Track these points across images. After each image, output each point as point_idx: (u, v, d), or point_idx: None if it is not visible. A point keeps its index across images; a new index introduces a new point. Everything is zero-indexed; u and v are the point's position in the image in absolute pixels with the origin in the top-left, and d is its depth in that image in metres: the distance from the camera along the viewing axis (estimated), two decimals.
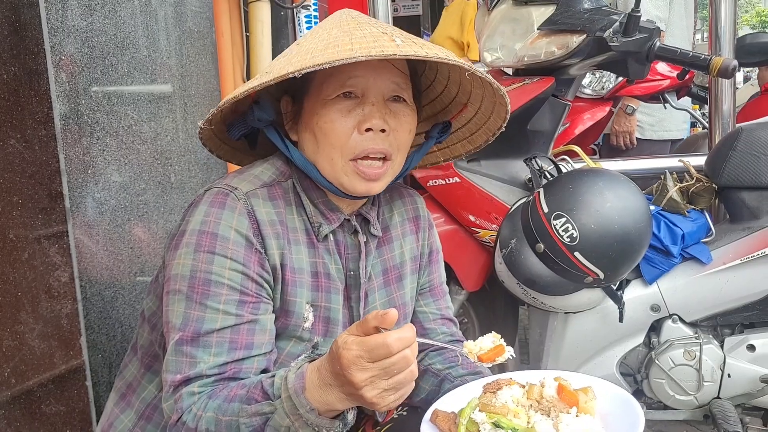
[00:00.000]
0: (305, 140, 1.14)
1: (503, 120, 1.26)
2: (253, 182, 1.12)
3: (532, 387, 1.06)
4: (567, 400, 1.04)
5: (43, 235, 1.56)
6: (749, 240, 1.88)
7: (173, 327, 1.05)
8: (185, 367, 1.03)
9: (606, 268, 1.66)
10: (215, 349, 1.03)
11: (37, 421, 1.55)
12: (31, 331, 1.53)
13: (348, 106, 1.09)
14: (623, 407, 1.04)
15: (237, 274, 1.05)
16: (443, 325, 1.36)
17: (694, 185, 1.97)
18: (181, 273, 1.06)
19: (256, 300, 1.07)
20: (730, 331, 1.94)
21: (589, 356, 1.95)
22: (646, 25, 1.73)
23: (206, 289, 1.04)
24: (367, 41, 1.00)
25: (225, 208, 1.07)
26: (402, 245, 1.30)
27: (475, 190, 1.91)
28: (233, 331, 1.05)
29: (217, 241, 1.05)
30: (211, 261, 1.05)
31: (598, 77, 2.94)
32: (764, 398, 1.89)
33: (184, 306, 1.05)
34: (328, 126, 1.09)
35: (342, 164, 1.11)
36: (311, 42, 1.05)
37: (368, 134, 1.09)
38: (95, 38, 1.74)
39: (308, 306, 1.14)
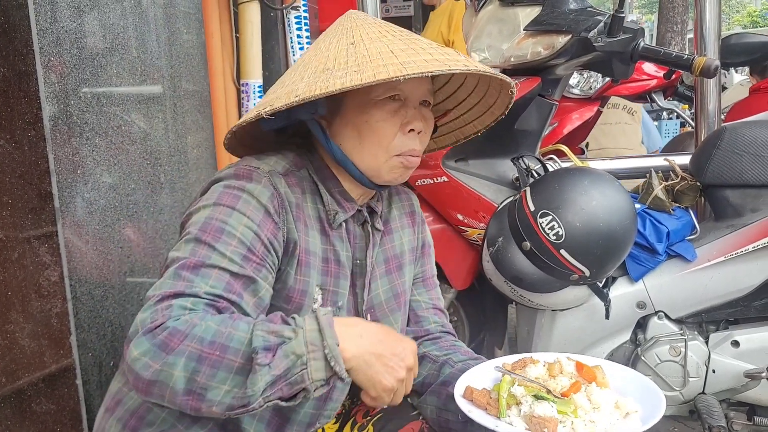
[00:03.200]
0: (344, 135, 1.20)
1: (484, 127, 1.41)
2: (271, 167, 1.18)
3: (551, 365, 1.14)
4: (586, 376, 1.13)
5: (33, 235, 1.57)
6: (733, 237, 1.90)
7: (176, 258, 1.04)
8: (180, 286, 1.00)
9: (592, 266, 1.68)
10: (213, 281, 1.02)
11: (27, 420, 1.56)
12: (21, 330, 1.54)
13: (394, 108, 1.18)
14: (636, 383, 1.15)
15: (249, 232, 1.08)
16: (435, 315, 1.43)
17: (679, 183, 2.00)
18: (196, 220, 1.09)
19: (260, 262, 1.09)
20: (714, 328, 1.97)
21: (577, 353, 1.95)
22: (630, 26, 1.75)
23: (218, 236, 1.06)
24: (440, 53, 1.11)
25: (251, 179, 1.13)
26: (401, 237, 1.38)
27: (463, 189, 1.93)
28: (232, 276, 1.04)
29: (240, 200, 1.10)
30: (229, 214, 1.08)
31: (585, 77, 2.97)
32: (748, 393, 1.91)
33: (193, 244, 1.06)
34: (379, 125, 1.18)
35: (385, 159, 1.19)
36: (378, 45, 1.12)
37: (410, 135, 1.20)
38: (84, 39, 1.74)
39: (318, 288, 1.19)
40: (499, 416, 1.07)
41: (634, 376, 1.17)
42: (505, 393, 1.09)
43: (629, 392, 1.12)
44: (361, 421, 1.33)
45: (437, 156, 1.90)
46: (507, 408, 1.07)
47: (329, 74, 1.08)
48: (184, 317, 0.95)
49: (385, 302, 1.31)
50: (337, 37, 1.18)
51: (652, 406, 1.07)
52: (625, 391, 1.13)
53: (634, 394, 1.12)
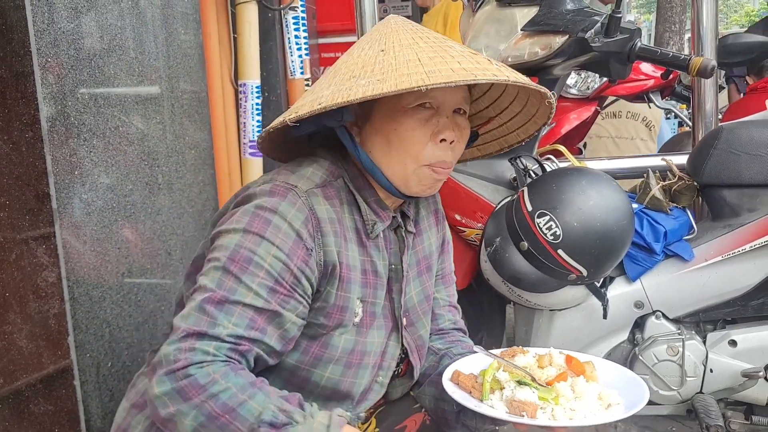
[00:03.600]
0: (374, 143, 1.18)
1: (528, 136, 1.37)
2: (308, 182, 1.15)
3: (542, 356, 1.17)
4: (575, 369, 1.15)
5: (31, 236, 1.57)
6: (730, 237, 1.90)
7: (204, 287, 1.06)
8: (204, 324, 1.03)
9: (589, 266, 1.69)
10: (235, 319, 1.04)
11: (25, 420, 1.56)
12: (19, 331, 1.54)
13: (425, 116, 1.15)
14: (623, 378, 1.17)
15: (278, 263, 1.07)
16: (449, 312, 1.45)
17: (676, 183, 2.00)
18: (226, 245, 1.08)
19: (288, 293, 1.09)
20: (712, 327, 1.97)
21: (575, 352, 1.97)
22: (627, 26, 1.75)
23: (245, 266, 1.06)
24: (470, 62, 1.08)
25: (285, 199, 1.10)
26: (429, 237, 1.38)
27: (461, 190, 1.93)
28: (256, 312, 1.06)
29: (270, 226, 1.08)
30: (258, 243, 1.07)
31: (583, 77, 2.97)
32: (746, 393, 1.91)
33: (221, 274, 1.06)
34: (408, 134, 1.15)
35: (414, 168, 1.17)
36: (406, 52, 1.09)
37: (442, 145, 1.16)
38: (82, 40, 1.74)
39: (359, 301, 1.18)
40: (482, 399, 1.10)
41: (624, 372, 1.19)
42: (489, 377, 1.12)
43: (615, 386, 1.14)
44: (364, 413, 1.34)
45: None
46: (490, 392, 1.11)
47: (354, 82, 1.07)
48: (206, 368, 0.99)
49: (418, 304, 1.32)
50: (370, 44, 1.16)
51: (634, 398, 1.09)
52: (612, 386, 1.15)
53: (619, 387, 1.14)
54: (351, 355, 1.18)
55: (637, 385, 1.14)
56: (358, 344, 1.19)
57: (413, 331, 1.31)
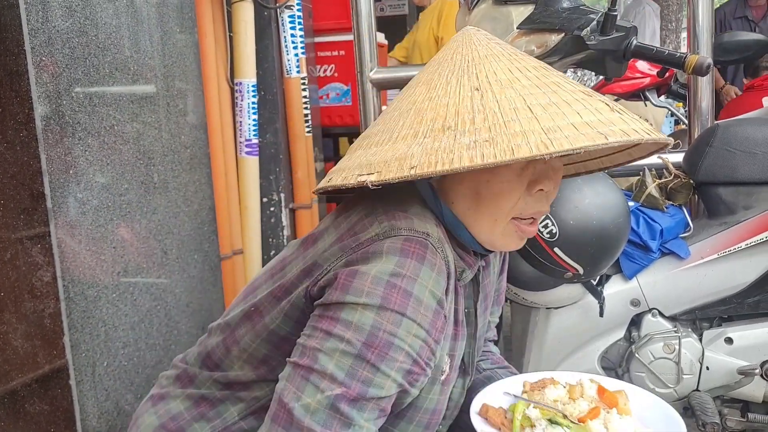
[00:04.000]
0: (459, 195, 1.02)
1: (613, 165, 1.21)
2: (431, 225, 0.98)
3: (572, 387, 1.10)
4: (607, 401, 1.07)
5: (26, 235, 1.56)
6: (726, 235, 1.91)
7: (332, 376, 0.91)
8: (337, 425, 0.91)
9: (585, 264, 1.69)
10: (368, 414, 0.93)
11: (21, 420, 1.56)
12: (14, 331, 1.54)
13: (522, 164, 0.98)
14: (658, 410, 1.09)
15: (418, 341, 0.93)
16: (491, 330, 1.36)
17: (672, 181, 2.00)
18: (359, 324, 0.91)
19: (423, 371, 0.96)
20: (708, 325, 1.97)
21: (571, 351, 1.98)
22: (623, 24, 1.75)
23: (385, 353, 0.91)
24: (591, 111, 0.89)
25: (424, 263, 0.93)
26: (493, 267, 1.24)
27: None
28: (387, 401, 0.95)
29: (410, 301, 0.92)
30: (399, 323, 0.91)
31: (579, 76, 2.98)
32: (742, 390, 1.92)
33: (352, 361, 0.91)
34: (501, 186, 0.98)
35: (503, 225, 1.01)
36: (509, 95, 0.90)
37: (538, 195, 1.00)
38: (76, 39, 1.74)
39: (447, 357, 1.07)
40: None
41: (658, 403, 1.12)
42: (519, 415, 1.05)
43: (650, 420, 1.07)
44: None
45: None
46: (521, 430, 1.03)
47: (452, 138, 0.88)
48: None
49: (478, 344, 1.21)
50: (456, 74, 0.96)
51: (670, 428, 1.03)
52: (646, 419, 1.08)
53: (655, 423, 1.07)
54: (432, 415, 1.07)
55: (674, 421, 1.06)
56: (440, 402, 1.08)
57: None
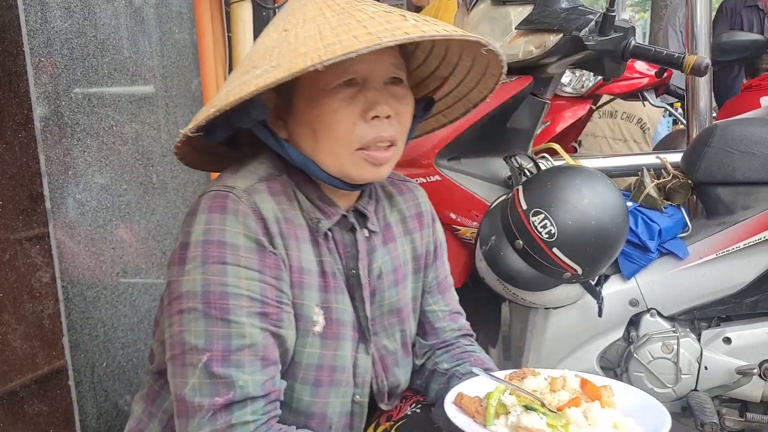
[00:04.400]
0: (300, 136, 1.06)
1: (489, 91, 1.20)
2: (250, 177, 1.04)
3: (554, 379, 1.07)
4: (590, 393, 1.05)
5: (25, 236, 1.56)
6: (724, 235, 1.91)
7: (195, 348, 0.96)
8: (223, 389, 0.95)
9: (584, 264, 1.69)
10: (249, 368, 0.96)
11: (20, 421, 1.56)
12: (13, 332, 1.54)
13: (350, 94, 1.02)
14: (644, 405, 1.07)
15: (255, 283, 0.98)
16: (452, 321, 1.33)
17: (670, 181, 2.00)
18: (192, 289, 0.97)
19: (278, 309, 1.00)
20: (706, 325, 1.97)
21: (570, 351, 1.98)
22: (622, 24, 1.75)
23: (225, 303, 0.96)
24: (379, 23, 0.92)
25: (227, 212, 0.98)
26: (404, 243, 1.24)
27: (456, 188, 1.93)
28: (264, 348, 0.98)
29: (227, 249, 0.97)
30: (224, 272, 0.96)
31: (578, 76, 2.98)
32: (740, 390, 1.92)
33: (204, 324, 0.96)
34: (332, 117, 1.01)
35: (348, 156, 1.04)
36: (307, 27, 0.95)
37: (374, 122, 1.02)
38: (75, 40, 1.74)
39: (317, 308, 1.07)
40: (486, 425, 1.02)
41: (645, 398, 1.10)
42: (494, 401, 1.03)
43: (635, 414, 1.04)
44: (385, 424, 1.27)
45: (430, 155, 1.91)
46: (495, 417, 1.02)
47: (251, 75, 0.93)
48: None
49: (385, 315, 1.20)
50: (275, 24, 1.02)
51: (654, 427, 1.00)
52: (631, 413, 1.05)
53: (638, 415, 1.04)
54: (320, 372, 1.07)
55: (659, 413, 1.04)
56: (326, 358, 1.08)
57: (376, 341, 1.19)
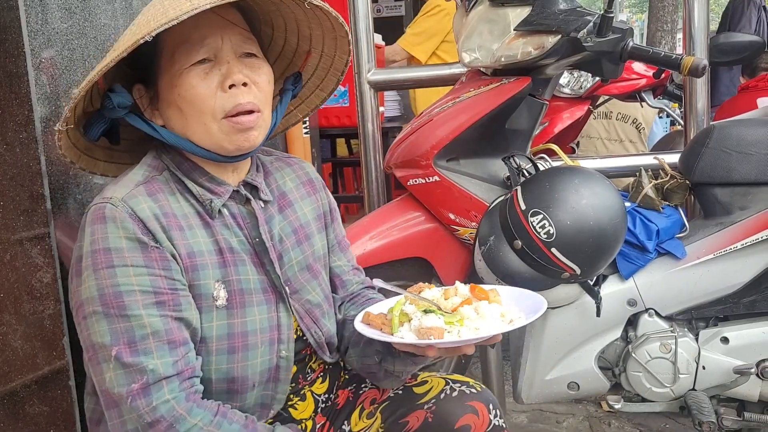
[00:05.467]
0: (171, 117, 1.16)
1: (348, 54, 1.31)
2: (127, 185, 1.13)
3: (447, 289, 1.23)
4: (478, 295, 1.21)
5: (25, 236, 1.56)
6: (722, 235, 1.92)
7: (104, 345, 1.06)
8: (137, 375, 1.04)
9: (582, 264, 1.70)
10: (157, 353, 1.06)
11: (20, 422, 1.56)
12: (14, 332, 1.54)
13: (205, 69, 1.12)
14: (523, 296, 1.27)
15: (144, 278, 1.07)
16: (355, 275, 1.46)
17: (668, 182, 2.01)
18: (90, 295, 1.06)
19: (173, 295, 1.09)
20: (704, 324, 1.98)
21: (568, 351, 1.99)
22: (620, 26, 1.76)
23: (120, 301, 1.05)
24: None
25: (107, 220, 1.07)
26: (302, 207, 1.35)
27: (455, 189, 1.94)
28: (167, 332, 1.07)
29: (112, 253, 1.06)
30: (114, 274, 1.06)
31: (576, 77, 2.99)
32: (738, 389, 1.93)
33: (107, 323, 1.05)
34: (191, 93, 1.11)
35: (217, 126, 1.13)
36: (148, 13, 1.07)
37: (232, 90, 1.12)
38: (76, 41, 1.74)
39: (217, 284, 1.15)
40: (392, 333, 1.15)
41: (525, 292, 1.28)
42: (397, 311, 1.16)
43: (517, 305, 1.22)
44: (369, 408, 1.36)
45: (428, 156, 1.91)
46: (399, 325, 1.15)
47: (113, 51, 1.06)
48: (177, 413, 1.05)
49: (299, 273, 1.30)
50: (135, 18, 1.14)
51: (534, 309, 1.17)
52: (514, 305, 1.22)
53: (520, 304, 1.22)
54: (231, 340, 1.16)
55: (535, 298, 1.23)
56: (235, 326, 1.17)
57: (298, 297, 1.29)
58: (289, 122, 1.50)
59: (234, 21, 1.16)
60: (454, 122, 1.88)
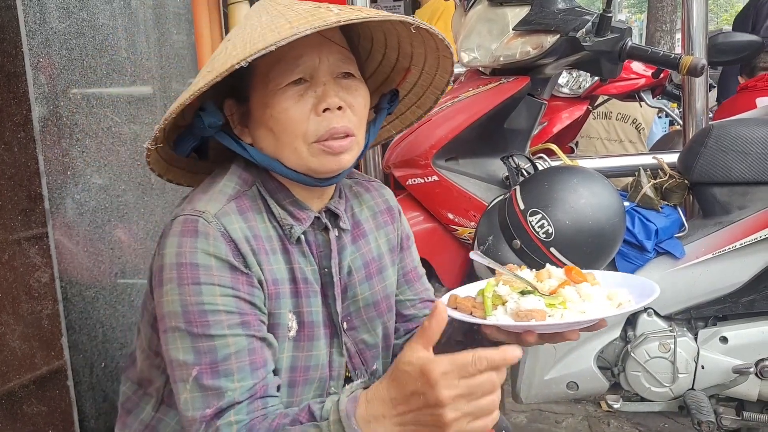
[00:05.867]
0: (262, 137, 1.11)
1: (450, 74, 1.23)
2: (218, 199, 1.07)
3: (540, 272, 1.09)
4: (576, 278, 1.07)
5: (23, 236, 1.56)
6: (721, 234, 1.92)
7: (185, 363, 1.01)
8: (213, 400, 1.00)
9: (581, 263, 1.67)
10: (238, 375, 1.01)
11: (19, 421, 1.56)
12: (12, 332, 1.54)
13: (299, 91, 1.06)
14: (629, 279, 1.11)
15: (230, 299, 1.02)
16: (424, 308, 1.34)
17: (667, 181, 2.01)
18: (173, 310, 1.02)
19: (256, 318, 1.05)
20: (703, 324, 1.98)
21: (567, 350, 1.98)
22: (618, 25, 1.76)
23: (204, 320, 1.01)
24: (305, 17, 0.97)
25: (198, 235, 1.02)
26: (377, 238, 1.27)
27: (454, 189, 1.94)
28: (250, 352, 1.02)
29: (199, 270, 1.01)
30: (199, 292, 1.01)
31: (575, 76, 2.98)
32: (737, 389, 1.93)
33: (190, 341, 1.01)
34: (284, 115, 1.06)
35: (307, 149, 1.07)
36: (244, 33, 1.02)
37: (326, 114, 1.06)
38: (73, 40, 1.74)
39: (291, 315, 1.11)
40: (485, 317, 1.02)
41: (629, 276, 1.14)
42: (489, 293, 1.04)
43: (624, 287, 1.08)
44: None
45: (427, 155, 1.91)
46: (493, 308, 1.03)
47: (190, 86, 1.02)
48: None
49: (363, 310, 1.22)
50: (225, 37, 1.10)
51: (644, 292, 1.03)
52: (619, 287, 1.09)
53: (627, 286, 1.08)
54: (293, 373, 1.11)
55: (645, 282, 1.07)
56: (299, 360, 1.12)
57: (354, 335, 1.22)
58: (381, 137, 1.41)
59: (333, 38, 1.10)
60: (452, 122, 1.88)
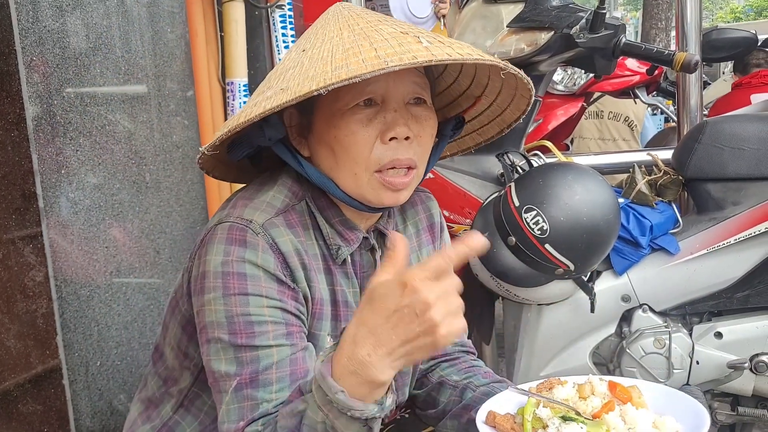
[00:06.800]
0: (321, 155, 1.05)
1: (522, 112, 1.18)
2: (267, 210, 1.03)
3: (582, 386, 1.05)
4: (620, 396, 1.03)
5: (18, 235, 1.56)
6: (715, 230, 1.92)
7: (227, 375, 0.98)
8: (247, 412, 0.96)
9: (576, 260, 1.70)
10: (277, 386, 0.97)
11: (14, 420, 1.56)
12: (6, 331, 1.54)
13: (368, 114, 1.00)
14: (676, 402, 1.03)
15: (276, 311, 0.98)
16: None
17: (661, 178, 2.01)
18: (216, 320, 0.98)
19: (299, 330, 1.01)
20: (698, 320, 1.99)
21: (563, 347, 1.99)
22: (612, 22, 1.76)
23: (250, 332, 0.97)
24: (391, 45, 0.91)
25: (246, 245, 0.98)
26: (420, 257, 1.24)
27: (449, 186, 1.94)
28: (292, 362, 0.98)
29: (247, 281, 0.98)
30: (246, 303, 0.97)
31: (569, 73, 2.99)
32: (732, 384, 1.93)
33: (233, 352, 0.97)
34: (349, 139, 1.00)
35: (367, 178, 1.02)
36: (323, 49, 0.95)
37: (392, 143, 1.00)
38: (67, 39, 1.74)
39: (329, 338, 1.07)
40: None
41: (675, 393, 1.06)
42: (529, 416, 1.00)
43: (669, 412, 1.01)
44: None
45: None
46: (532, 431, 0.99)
47: (262, 97, 0.95)
48: None
49: None
50: (299, 42, 1.04)
51: (694, 424, 0.96)
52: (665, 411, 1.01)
53: (674, 413, 1.00)
54: None
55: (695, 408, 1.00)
56: None
57: None
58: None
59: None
60: None
